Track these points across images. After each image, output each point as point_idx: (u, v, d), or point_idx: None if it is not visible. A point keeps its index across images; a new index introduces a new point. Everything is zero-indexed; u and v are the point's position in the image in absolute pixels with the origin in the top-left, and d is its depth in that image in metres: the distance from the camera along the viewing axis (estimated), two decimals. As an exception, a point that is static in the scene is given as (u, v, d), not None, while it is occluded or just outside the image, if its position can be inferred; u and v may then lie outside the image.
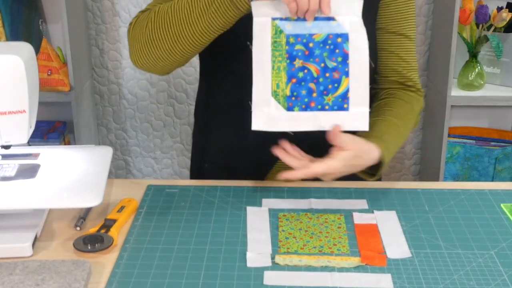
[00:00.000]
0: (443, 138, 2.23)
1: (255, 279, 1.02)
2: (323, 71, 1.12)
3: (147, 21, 1.21)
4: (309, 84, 1.13)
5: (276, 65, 1.12)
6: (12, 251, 1.06)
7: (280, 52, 1.12)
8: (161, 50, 1.20)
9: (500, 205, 1.25)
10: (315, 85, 1.13)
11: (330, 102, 1.14)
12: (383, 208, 1.24)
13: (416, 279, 1.02)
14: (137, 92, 2.48)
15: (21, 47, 1.13)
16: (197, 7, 1.15)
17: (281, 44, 1.11)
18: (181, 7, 1.17)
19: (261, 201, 1.26)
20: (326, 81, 1.13)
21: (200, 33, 1.17)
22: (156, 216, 1.20)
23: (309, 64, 1.12)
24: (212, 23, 1.15)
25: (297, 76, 1.13)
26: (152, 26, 1.20)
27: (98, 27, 2.39)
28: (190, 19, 1.16)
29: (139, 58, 1.24)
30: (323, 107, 1.14)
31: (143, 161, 2.59)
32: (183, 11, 1.17)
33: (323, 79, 1.12)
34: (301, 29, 1.11)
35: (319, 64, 1.12)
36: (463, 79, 2.25)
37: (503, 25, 2.17)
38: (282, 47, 1.12)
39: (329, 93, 1.13)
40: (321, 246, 1.11)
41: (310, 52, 1.11)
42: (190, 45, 1.19)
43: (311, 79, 1.12)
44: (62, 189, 1.11)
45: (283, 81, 1.13)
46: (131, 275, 1.03)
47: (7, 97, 1.08)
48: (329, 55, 1.12)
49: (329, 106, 1.14)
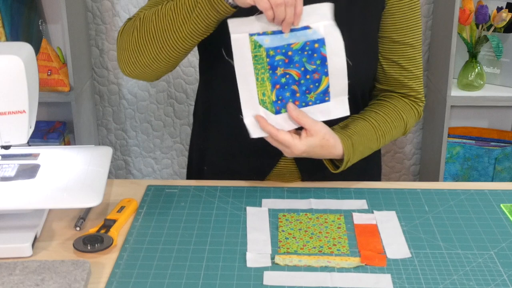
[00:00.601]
0: (443, 138, 2.24)
1: (255, 279, 1.02)
2: (303, 74, 1.17)
3: (133, 29, 1.24)
4: (292, 86, 1.18)
5: (260, 76, 1.16)
6: (12, 251, 1.07)
7: (262, 65, 1.16)
8: (147, 57, 1.23)
9: (500, 205, 1.25)
10: (297, 86, 1.18)
11: (313, 99, 1.19)
12: (383, 208, 1.24)
13: (416, 279, 1.02)
14: (137, 92, 2.48)
15: (21, 47, 1.13)
16: (180, 13, 1.18)
17: (262, 58, 1.15)
18: (165, 14, 1.19)
19: (261, 201, 1.26)
20: (307, 82, 1.18)
21: (184, 38, 1.20)
22: (156, 216, 1.20)
23: (290, 70, 1.16)
24: (195, 28, 1.18)
25: (280, 82, 1.17)
26: (138, 34, 1.22)
27: (98, 27, 2.39)
28: (174, 25, 1.19)
29: (127, 66, 1.26)
30: (307, 103, 1.20)
31: (143, 161, 2.60)
32: (166, 18, 1.19)
33: (305, 81, 1.17)
34: (279, 41, 1.15)
35: (299, 68, 1.16)
36: (463, 79, 2.25)
37: (503, 25, 2.17)
38: (263, 60, 1.15)
39: (311, 92, 1.18)
40: (321, 246, 1.11)
41: (290, 59, 1.16)
42: (175, 50, 1.21)
43: (293, 82, 1.17)
44: (62, 189, 1.11)
45: (268, 89, 1.17)
46: (131, 275, 1.03)
47: (7, 97, 1.08)
48: (308, 60, 1.16)
49: (312, 102, 1.20)
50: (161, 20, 1.20)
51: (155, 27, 1.20)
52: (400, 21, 1.31)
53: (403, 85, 1.36)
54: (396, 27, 1.32)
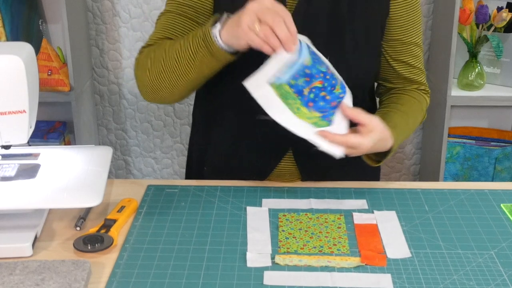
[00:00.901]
0: (443, 138, 2.23)
1: (255, 279, 1.02)
2: (323, 77, 1.16)
3: (146, 68, 1.26)
4: (321, 94, 1.16)
5: (295, 107, 1.15)
6: (12, 251, 1.06)
7: (291, 98, 1.14)
8: (164, 92, 1.26)
9: (500, 205, 1.25)
10: (325, 91, 1.16)
11: (340, 90, 1.18)
12: (383, 208, 1.24)
13: (416, 279, 1.02)
14: (137, 92, 2.48)
15: (21, 47, 1.13)
16: (184, 59, 1.20)
17: (288, 92, 1.14)
18: (171, 58, 1.22)
19: (261, 201, 1.26)
20: (329, 81, 1.17)
21: (194, 80, 1.22)
22: (156, 216, 1.20)
23: (313, 84, 1.15)
24: (200, 72, 1.20)
25: (311, 99, 1.16)
26: (150, 75, 1.25)
27: (98, 27, 2.39)
28: (180, 69, 1.21)
29: (147, 97, 1.30)
30: (338, 97, 1.18)
31: (143, 161, 2.59)
32: (173, 63, 1.22)
33: (327, 82, 1.16)
34: (293, 67, 1.14)
35: (319, 76, 1.16)
36: (463, 79, 2.24)
37: (503, 25, 2.17)
38: (289, 93, 1.14)
39: (335, 86, 1.17)
40: (321, 246, 1.11)
41: (310, 75, 1.15)
42: (188, 87, 1.25)
43: (320, 90, 1.16)
44: (62, 189, 1.11)
45: (307, 112, 1.16)
46: (131, 275, 1.03)
47: (7, 97, 1.08)
48: (319, 63, 1.16)
49: (341, 93, 1.19)
50: (168, 64, 1.22)
51: (164, 69, 1.23)
52: (407, 23, 1.34)
53: (413, 81, 1.40)
54: (403, 29, 1.34)
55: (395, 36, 1.34)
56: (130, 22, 2.38)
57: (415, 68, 1.39)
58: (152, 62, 1.25)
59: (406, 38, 1.35)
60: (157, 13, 2.36)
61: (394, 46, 1.35)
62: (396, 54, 1.37)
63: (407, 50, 1.36)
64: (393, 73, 1.39)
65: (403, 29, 1.34)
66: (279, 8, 1.10)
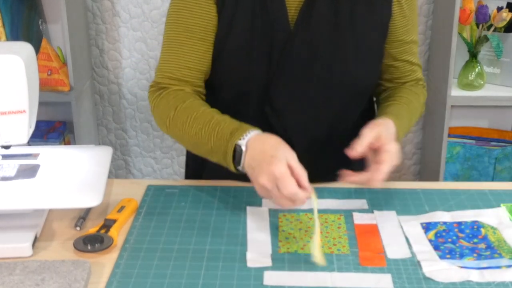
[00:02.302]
0: (443, 138, 2.24)
1: (255, 279, 1.02)
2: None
3: (164, 124, 1.28)
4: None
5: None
6: (12, 251, 1.06)
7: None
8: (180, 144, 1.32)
9: (500, 205, 1.25)
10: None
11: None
12: (383, 208, 1.24)
13: (416, 279, 1.02)
14: (137, 92, 2.48)
15: (21, 47, 1.13)
16: (200, 151, 1.25)
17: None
18: (188, 143, 1.26)
19: (261, 201, 1.26)
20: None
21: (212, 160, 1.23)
22: (156, 216, 1.20)
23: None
24: (217, 163, 1.21)
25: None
26: (168, 132, 1.29)
27: (98, 27, 2.39)
28: (196, 151, 1.27)
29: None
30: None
31: (143, 161, 2.60)
32: (189, 146, 1.29)
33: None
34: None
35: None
36: (463, 79, 2.25)
37: (503, 25, 2.17)
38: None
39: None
40: (321, 246, 1.11)
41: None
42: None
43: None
44: (62, 189, 1.11)
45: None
46: (131, 275, 1.03)
47: (7, 97, 1.08)
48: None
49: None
50: (185, 144, 1.28)
51: (181, 142, 1.29)
52: (408, 22, 1.34)
53: (412, 78, 1.42)
54: (405, 29, 1.34)
55: (399, 37, 1.34)
56: (130, 22, 2.38)
57: (414, 65, 1.40)
58: (170, 126, 1.26)
59: (408, 37, 1.35)
60: (157, 13, 2.36)
61: (397, 46, 1.35)
62: (399, 54, 1.37)
63: (408, 49, 1.37)
64: (397, 72, 1.39)
65: (406, 29, 1.34)
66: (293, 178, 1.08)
